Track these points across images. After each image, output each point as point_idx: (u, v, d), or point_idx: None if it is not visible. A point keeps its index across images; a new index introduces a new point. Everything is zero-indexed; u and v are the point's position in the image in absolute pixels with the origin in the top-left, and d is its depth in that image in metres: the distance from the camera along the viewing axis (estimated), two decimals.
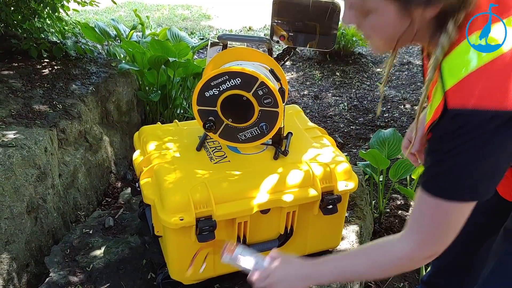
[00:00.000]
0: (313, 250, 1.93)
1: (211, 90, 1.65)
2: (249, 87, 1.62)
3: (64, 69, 2.95)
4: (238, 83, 1.62)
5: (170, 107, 3.37)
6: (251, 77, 1.61)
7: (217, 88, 1.65)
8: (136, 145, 2.02)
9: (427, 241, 1.07)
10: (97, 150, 2.73)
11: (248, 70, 1.61)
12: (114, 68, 3.09)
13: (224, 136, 1.76)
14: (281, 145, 1.86)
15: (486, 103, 0.91)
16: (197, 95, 1.67)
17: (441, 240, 1.07)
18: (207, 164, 1.79)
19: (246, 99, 1.65)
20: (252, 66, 1.70)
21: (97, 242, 2.06)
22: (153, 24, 6.44)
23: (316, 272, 1.26)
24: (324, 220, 1.83)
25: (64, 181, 2.40)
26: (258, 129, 1.71)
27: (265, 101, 1.65)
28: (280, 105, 1.66)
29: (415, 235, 1.08)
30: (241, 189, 1.69)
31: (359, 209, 2.25)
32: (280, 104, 1.65)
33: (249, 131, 1.73)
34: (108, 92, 2.93)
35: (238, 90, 1.64)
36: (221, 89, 1.64)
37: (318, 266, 1.26)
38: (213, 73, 1.62)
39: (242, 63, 1.74)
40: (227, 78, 1.62)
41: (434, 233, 1.06)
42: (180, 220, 1.58)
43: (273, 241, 1.81)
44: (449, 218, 1.03)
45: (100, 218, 2.22)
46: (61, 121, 2.45)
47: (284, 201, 1.71)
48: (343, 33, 4.80)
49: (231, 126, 1.72)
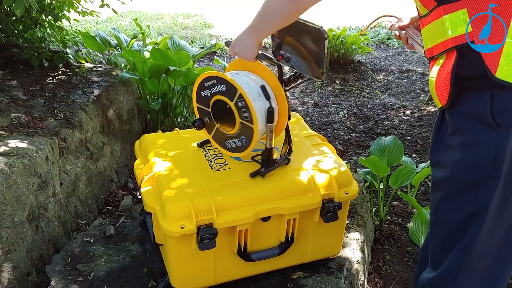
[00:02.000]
0: (314, 257, 1.93)
1: (205, 90, 1.74)
2: (231, 96, 1.65)
3: (65, 78, 2.96)
4: (223, 90, 1.67)
5: (170, 115, 3.39)
6: (233, 87, 1.63)
7: (209, 90, 1.72)
8: (137, 154, 2.03)
9: None
10: (98, 159, 2.74)
11: (230, 79, 1.63)
12: (115, 77, 3.10)
13: (215, 139, 1.82)
14: (269, 166, 1.77)
15: None
16: (195, 93, 1.75)
17: None
18: (208, 171, 1.80)
19: (229, 108, 1.68)
20: (245, 77, 1.71)
21: (98, 251, 2.06)
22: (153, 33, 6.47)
23: (253, 22, 1.54)
24: (324, 228, 1.83)
25: (65, 189, 2.41)
26: (240, 141, 1.74)
27: (244, 114, 1.66)
28: (255, 122, 1.63)
29: None
30: (242, 196, 1.70)
31: (360, 216, 2.25)
32: (255, 121, 1.62)
33: (233, 140, 1.75)
34: (109, 100, 2.94)
35: (223, 97, 1.69)
36: (211, 91, 1.72)
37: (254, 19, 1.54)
38: (205, 75, 1.70)
39: (241, 72, 1.75)
40: (215, 82, 1.69)
41: None
42: (181, 228, 1.59)
43: (274, 248, 1.81)
44: None
45: (101, 227, 2.22)
46: (62, 129, 2.46)
47: (285, 209, 1.71)
48: (342, 41, 4.83)
49: (220, 131, 1.76)
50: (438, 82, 1.31)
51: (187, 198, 1.64)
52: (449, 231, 1.42)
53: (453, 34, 1.23)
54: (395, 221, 2.61)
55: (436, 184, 1.44)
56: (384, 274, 2.27)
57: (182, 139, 2.02)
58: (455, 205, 1.38)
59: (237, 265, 1.78)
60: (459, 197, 1.36)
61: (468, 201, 1.34)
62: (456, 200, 1.37)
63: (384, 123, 3.85)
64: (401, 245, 2.44)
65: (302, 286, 1.86)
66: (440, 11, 1.24)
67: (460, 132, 1.32)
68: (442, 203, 1.43)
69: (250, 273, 1.86)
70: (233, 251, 1.74)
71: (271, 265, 1.86)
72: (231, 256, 1.76)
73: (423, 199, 2.82)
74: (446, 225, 1.43)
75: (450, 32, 1.23)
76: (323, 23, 5.61)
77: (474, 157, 1.30)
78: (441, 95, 1.31)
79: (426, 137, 3.57)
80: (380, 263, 2.32)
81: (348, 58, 4.97)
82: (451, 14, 1.22)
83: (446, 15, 1.22)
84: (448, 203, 1.40)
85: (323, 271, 1.94)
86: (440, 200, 1.43)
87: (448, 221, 1.41)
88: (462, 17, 1.20)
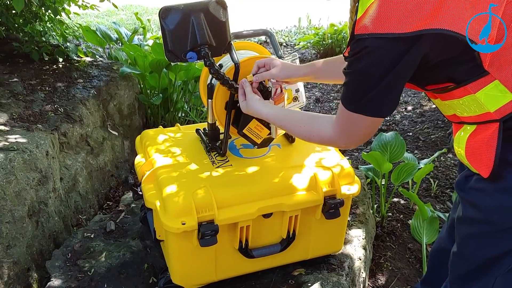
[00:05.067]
0: (316, 254, 1.92)
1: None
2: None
3: (65, 72, 2.95)
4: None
5: (171, 110, 3.37)
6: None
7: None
8: (138, 149, 2.02)
9: (342, 134, 1.32)
10: (98, 154, 2.72)
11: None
12: (116, 72, 3.09)
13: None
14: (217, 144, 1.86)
15: (382, 28, 1.10)
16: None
17: (353, 139, 1.33)
18: (209, 168, 1.78)
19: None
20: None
21: (98, 246, 2.06)
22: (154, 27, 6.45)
23: (265, 110, 1.55)
24: (326, 224, 1.82)
25: (65, 184, 2.40)
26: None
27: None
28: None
29: (337, 126, 1.32)
30: (244, 193, 1.69)
31: (361, 213, 2.24)
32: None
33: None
34: (110, 95, 2.93)
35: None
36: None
37: (270, 108, 1.56)
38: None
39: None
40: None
41: (347, 132, 1.30)
42: (182, 224, 1.58)
43: (276, 245, 1.80)
44: (358, 125, 1.26)
45: (101, 222, 2.22)
46: (63, 124, 2.44)
47: (287, 205, 1.70)
48: (344, 36, 4.80)
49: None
50: (472, 152, 1.27)
51: (189, 194, 1.63)
52: (474, 267, 1.38)
53: (494, 108, 1.17)
54: (397, 218, 2.60)
55: (466, 220, 1.37)
56: (385, 271, 2.26)
57: (183, 135, 2.00)
58: (485, 244, 1.34)
59: (238, 261, 1.77)
60: (490, 237, 1.32)
61: (499, 242, 1.31)
62: (486, 240, 1.33)
63: (386, 119, 3.82)
64: (402, 242, 2.43)
65: (303, 282, 1.85)
66: (466, 90, 1.19)
67: (497, 178, 1.25)
68: (471, 239, 1.37)
69: (251, 270, 1.85)
70: (234, 247, 1.73)
71: (272, 262, 1.85)
72: (232, 253, 1.75)
73: (425, 196, 2.81)
74: (472, 260, 1.39)
75: (490, 107, 1.18)
76: (327, 17, 5.47)
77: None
78: (478, 166, 1.26)
79: (427, 133, 3.55)
80: (381, 260, 2.31)
81: None
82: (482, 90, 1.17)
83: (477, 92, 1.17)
84: (478, 241, 1.35)
85: (325, 267, 1.93)
86: (469, 236, 1.38)
87: (475, 257, 1.37)
88: (498, 88, 1.15)
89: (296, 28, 6.90)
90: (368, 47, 1.14)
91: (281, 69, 1.60)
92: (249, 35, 1.81)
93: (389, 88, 1.19)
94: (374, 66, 1.16)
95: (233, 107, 1.76)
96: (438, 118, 3.73)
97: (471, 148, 1.27)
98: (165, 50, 1.60)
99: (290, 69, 1.62)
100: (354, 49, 1.18)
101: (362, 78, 1.20)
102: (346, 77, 1.24)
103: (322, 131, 1.37)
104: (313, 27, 6.30)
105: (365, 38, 1.14)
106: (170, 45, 1.58)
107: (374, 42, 1.13)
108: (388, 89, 1.19)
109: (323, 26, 6.18)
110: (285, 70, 1.61)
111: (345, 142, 1.35)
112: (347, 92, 1.26)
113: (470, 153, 1.28)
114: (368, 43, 1.14)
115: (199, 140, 1.95)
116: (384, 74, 1.16)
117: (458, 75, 1.18)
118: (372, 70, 1.17)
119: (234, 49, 1.69)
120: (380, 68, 1.15)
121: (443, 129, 3.56)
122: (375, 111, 1.23)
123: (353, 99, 1.24)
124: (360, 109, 1.23)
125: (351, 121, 1.27)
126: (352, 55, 1.19)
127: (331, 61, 1.62)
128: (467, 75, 1.16)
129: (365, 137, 1.33)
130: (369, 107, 1.22)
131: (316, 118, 1.44)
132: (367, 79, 1.19)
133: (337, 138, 1.34)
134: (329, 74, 1.62)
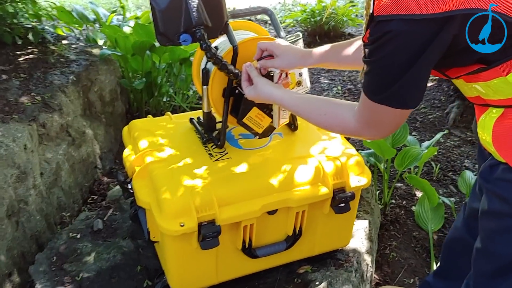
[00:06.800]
0: (322, 250, 1.79)
1: None
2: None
3: (41, 57, 2.73)
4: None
5: (155, 95, 3.18)
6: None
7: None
8: (126, 142, 1.85)
9: (369, 126, 1.18)
10: (80, 145, 2.54)
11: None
12: (95, 55, 2.88)
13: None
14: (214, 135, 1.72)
15: (408, 9, 0.95)
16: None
17: (381, 131, 1.19)
18: (207, 161, 1.63)
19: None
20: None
21: (86, 248, 1.89)
22: (132, 7, 6.17)
23: (279, 94, 1.38)
24: (334, 219, 1.69)
25: (46, 180, 2.21)
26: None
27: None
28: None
29: (361, 117, 1.17)
30: (246, 189, 1.54)
31: (366, 202, 2.12)
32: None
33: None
34: (90, 81, 2.73)
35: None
36: None
37: (284, 91, 1.40)
38: None
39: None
40: None
41: (373, 123, 1.17)
42: (180, 226, 1.43)
43: (280, 243, 1.67)
44: (385, 117, 1.12)
45: (87, 220, 2.05)
46: (41, 114, 2.25)
47: (293, 201, 1.56)
48: (333, 12, 4.63)
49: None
50: (500, 139, 1.16)
51: (186, 192, 1.48)
52: (502, 264, 1.28)
53: None
54: (399, 204, 2.48)
55: (492, 213, 1.27)
56: (391, 262, 2.15)
57: (175, 125, 1.84)
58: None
59: (241, 262, 1.64)
60: None
61: None
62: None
63: None
64: (407, 230, 2.32)
65: (311, 281, 1.72)
66: (496, 71, 1.07)
67: None
68: (498, 235, 1.26)
69: (255, 270, 1.72)
70: (237, 247, 1.59)
71: (277, 260, 1.72)
72: (234, 253, 1.61)
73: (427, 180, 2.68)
74: (499, 257, 1.28)
75: None
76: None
77: None
78: (506, 154, 1.16)
79: (425, 113, 3.43)
80: (386, 250, 2.20)
81: (339, 31, 4.78)
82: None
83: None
84: (506, 237, 1.24)
85: (332, 263, 1.81)
86: (495, 231, 1.27)
87: (503, 254, 1.26)
88: None
89: (281, 5, 6.68)
90: (392, 31, 0.99)
91: (285, 59, 1.43)
92: (246, 13, 1.63)
93: (417, 77, 1.05)
94: (399, 53, 1.01)
95: (232, 94, 1.60)
96: (435, 98, 3.61)
97: (499, 134, 1.16)
98: (155, 33, 1.42)
99: (295, 58, 1.45)
100: (375, 33, 1.02)
101: (386, 67, 1.05)
102: (368, 65, 1.09)
103: (346, 121, 1.22)
104: (299, 3, 6.10)
105: (388, 21, 0.98)
106: (161, 26, 1.40)
107: (399, 25, 0.98)
108: (416, 77, 1.05)
109: (310, 2, 5.98)
110: (289, 60, 1.44)
111: (373, 134, 1.25)
112: (370, 82, 1.11)
113: (497, 140, 1.17)
114: (392, 27, 0.98)
115: (194, 130, 1.79)
116: (411, 62, 1.01)
117: (491, 56, 1.04)
118: (398, 57, 1.02)
119: (231, 30, 1.52)
120: (407, 55, 1.01)
121: (441, 108, 3.45)
122: (403, 102, 1.09)
123: (377, 90, 1.09)
124: (386, 101, 1.09)
125: (376, 113, 1.13)
126: (373, 41, 1.03)
127: (340, 47, 1.46)
128: (501, 55, 1.02)
129: (394, 128, 1.20)
130: (396, 99, 1.08)
131: (338, 106, 1.28)
132: (392, 68, 1.04)
133: (363, 130, 1.21)
134: (339, 60, 1.46)
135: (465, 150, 2.94)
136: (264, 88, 1.40)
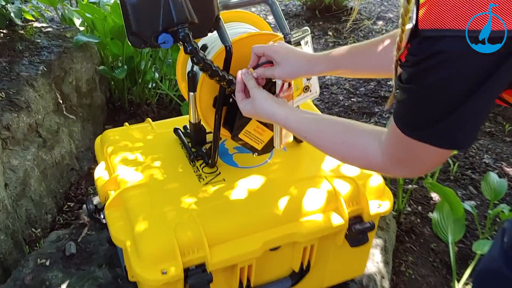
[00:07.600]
0: (332, 282, 1.53)
1: None
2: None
3: (7, 43, 2.40)
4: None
5: (139, 82, 2.86)
6: None
7: None
8: (99, 156, 1.55)
9: (400, 164, 0.90)
10: (53, 146, 2.23)
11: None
12: (70, 40, 2.54)
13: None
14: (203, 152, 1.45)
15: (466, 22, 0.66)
16: None
17: (415, 170, 0.93)
18: (195, 186, 1.34)
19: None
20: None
21: (56, 278, 1.62)
22: None
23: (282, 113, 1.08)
24: (349, 251, 1.41)
25: (12, 191, 1.92)
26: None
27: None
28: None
29: (390, 153, 0.90)
30: (243, 222, 1.27)
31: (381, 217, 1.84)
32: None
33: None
34: (64, 71, 2.40)
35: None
36: None
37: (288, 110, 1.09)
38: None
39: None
40: None
41: (406, 162, 0.89)
42: (162, 273, 1.16)
43: (285, 280, 1.40)
44: (422, 157, 0.84)
45: (58, 242, 1.76)
46: (5, 114, 1.94)
47: (301, 235, 1.29)
48: None
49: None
50: None
51: (169, 229, 1.20)
52: None
53: None
54: (415, 210, 2.21)
55: None
56: (407, 282, 1.89)
57: (156, 136, 1.54)
58: None
59: None
60: None
61: None
62: None
63: (388, 83, 3.37)
64: (424, 241, 2.06)
65: None
66: None
67: None
68: None
69: None
70: None
71: None
72: None
73: (443, 180, 2.41)
74: None
75: None
76: None
77: None
78: None
79: None
80: (402, 267, 1.94)
81: (341, 5, 4.41)
82: None
83: None
84: None
85: None
86: None
87: None
88: None
89: None
90: (445, 52, 0.69)
91: (287, 67, 1.11)
92: (242, 4, 1.31)
93: (477, 110, 0.75)
94: (455, 81, 0.70)
95: (225, 103, 1.29)
96: None
97: None
98: (127, 33, 1.11)
99: (300, 65, 1.12)
100: (420, 53, 0.71)
101: (434, 97, 0.74)
102: (405, 92, 0.79)
103: (370, 155, 0.94)
104: None
105: (439, 37, 0.68)
106: (134, 25, 1.09)
107: (455, 45, 0.68)
108: (476, 111, 0.75)
109: None
110: (292, 67, 1.12)
111: (404, 173, 1.07)
112: (407, 114, 0.81)
113: None
114: (446, 46, 0.68)
115: (179, 143, 1.49)
116: (470, 92, 0.71)
117: None
118: (452, 87, 0.71)
119: (224, 26, 1.20)
120: (466, 84, 0.71)
121: None
122: (453, 142, 0.79)
123: (418, 125, 0.79)
124: (429, 139, 0.79)
125: (413, 151, 0.84)
126: (417, 63, 0.73)
127: (357, 50, 1.15)
128: None
129: (432, 169, 0.90)
130: (443, 137, 0.78)
131: (359, 132, 0.98)
132: (442, 99, 0.73)
133: (392, 168, 0.92)
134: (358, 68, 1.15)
135: (484, 143, 2.66)
136: (264, 104, 1.09)
